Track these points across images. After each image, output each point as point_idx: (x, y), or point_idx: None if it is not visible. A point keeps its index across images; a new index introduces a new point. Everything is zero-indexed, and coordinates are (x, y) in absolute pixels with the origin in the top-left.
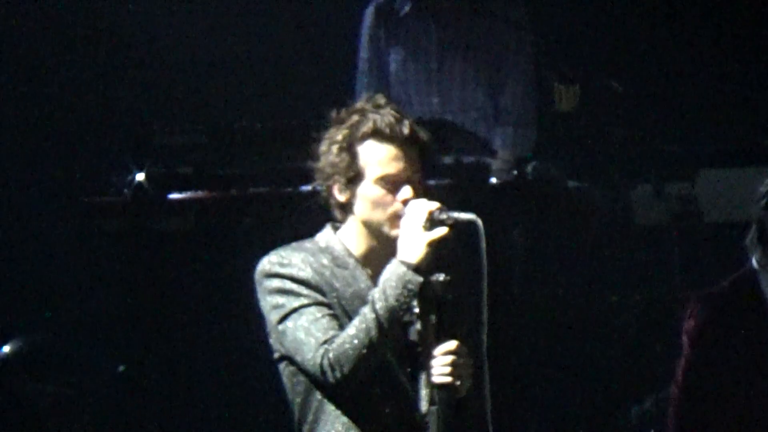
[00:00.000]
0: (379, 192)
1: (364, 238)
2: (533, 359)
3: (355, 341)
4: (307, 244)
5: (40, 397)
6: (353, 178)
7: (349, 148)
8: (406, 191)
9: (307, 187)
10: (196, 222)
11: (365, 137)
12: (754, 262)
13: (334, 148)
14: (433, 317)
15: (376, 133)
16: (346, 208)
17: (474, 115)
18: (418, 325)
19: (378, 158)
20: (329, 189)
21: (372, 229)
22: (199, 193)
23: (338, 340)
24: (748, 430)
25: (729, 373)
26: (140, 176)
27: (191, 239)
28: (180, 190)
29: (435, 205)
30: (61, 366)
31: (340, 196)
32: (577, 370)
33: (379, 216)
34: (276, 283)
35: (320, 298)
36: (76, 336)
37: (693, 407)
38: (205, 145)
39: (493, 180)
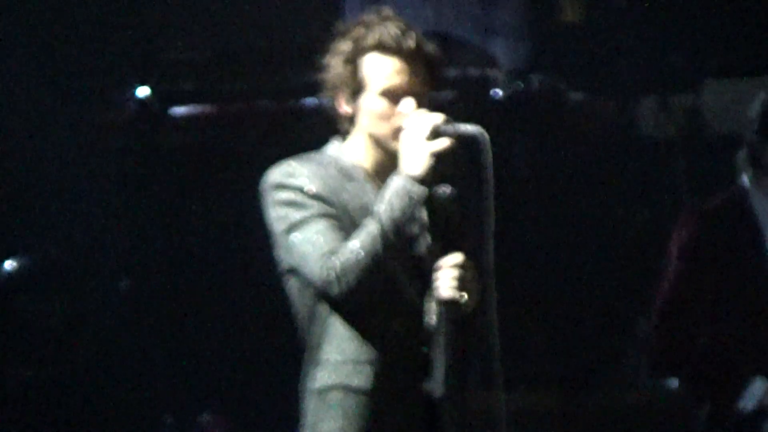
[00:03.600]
0: (383, 105)
1: (371, 151)
2: (539, 274)
3: (361, 253)
4: (314, 155)
5: (46, 315)
6: (357, 90)
7: (353, 60)
8: (410, 104)
9: (312, 101)
10: (201, 137)
11: (369, 50)
12: (745, 180)
13: (339, 60)
14: (439, 230)
15: (380, 46)
16: (352, 120)
17: (468, 26)
18: (424, 239)
19: (381, 71)
20: (335, 101)
21: (377, 141)
22: (204, 108)
23: (343, 252)
24: (729, 346)
25: (714, 287)
26: (144, 92)
27: (195, 155)
28: (184, 106)
29: (439, 117)
30: (66, 284)
31: (346, 108)
32: (584, 285)
33: (382, 128)
34: (283, 194)
35: (327, 210)
36: (81, 254)
37: (676, 319)
38: (209, 60)
39: (499, 93)
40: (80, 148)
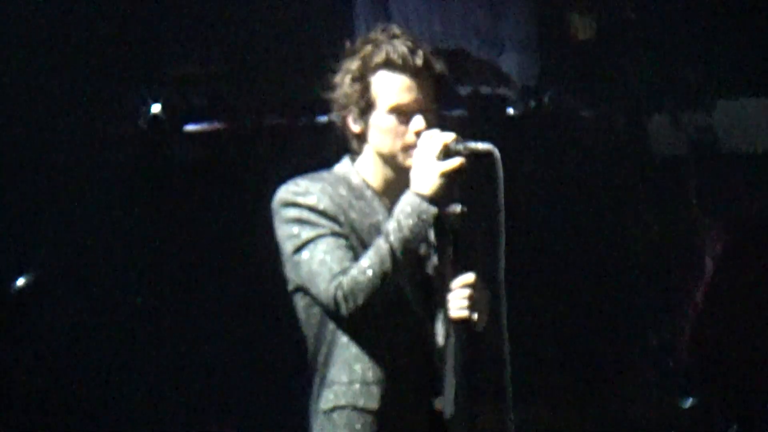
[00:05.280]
0: (392, 122)
1: (380, 169)
2: (552, 289)
3: (369, 272)
4: (324, 174)
5: (56, 327)
6: (366, 108)
7: (362, 78)
8: (419, 121)
9: (323, 118)
10: (212, 153)
11: (378, 68)
12: None
13: (348, 79)
14: (449, 249)
15: (389, 64)
16: (361, 138)
17: (477, 42)
18: (435, 258)
19: (390, 88)
20: (344, 120)
21: (386, 159)
22: (215, 125)
23: (352, 272)
24: (761, 366)
25: (750, 301)
26: (156, 107)
27: (207, 170)
28: (195, 122)
29: (451, 135)
30: (76, 296)
31: (355, 127)
32: (594, 302)
33: (391, 146)
34: (293, 212)
35: (336, 228)
36: (92, 266)
37: (711, 330)
38: (220, 74)
39: (510, 111)
40: (93, 162)
